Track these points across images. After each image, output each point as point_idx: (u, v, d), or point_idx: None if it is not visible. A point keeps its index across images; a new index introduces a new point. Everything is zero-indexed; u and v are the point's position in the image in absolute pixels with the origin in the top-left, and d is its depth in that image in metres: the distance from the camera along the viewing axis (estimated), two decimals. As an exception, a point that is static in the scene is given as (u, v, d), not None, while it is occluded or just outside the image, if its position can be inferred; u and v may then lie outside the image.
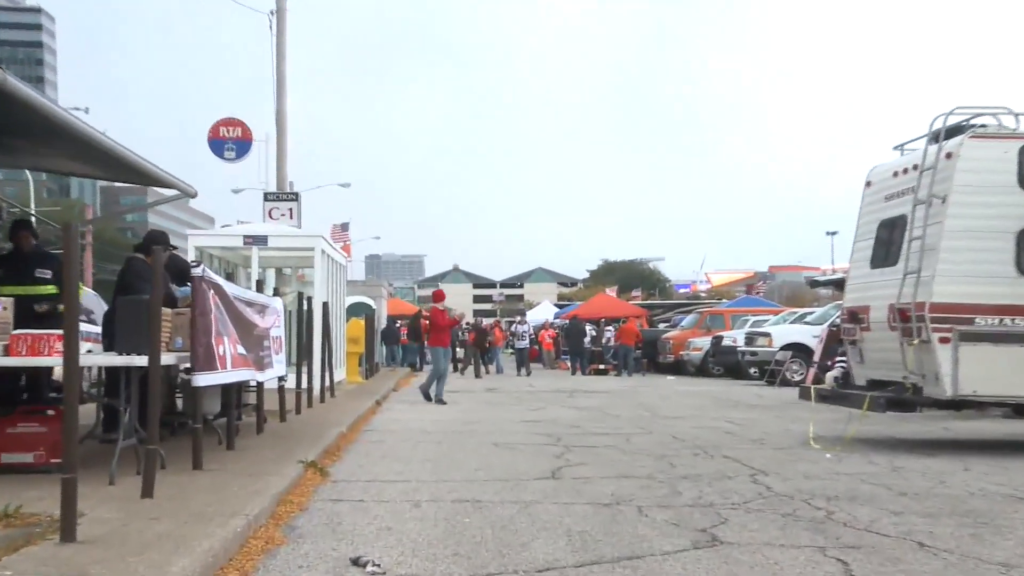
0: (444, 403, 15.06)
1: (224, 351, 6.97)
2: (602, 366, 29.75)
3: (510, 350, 47.76)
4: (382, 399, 15.85)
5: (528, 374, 27.34)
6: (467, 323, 29.08)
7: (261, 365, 8.57)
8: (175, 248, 8.95)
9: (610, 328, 31.89)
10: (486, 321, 40.22)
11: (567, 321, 34.76)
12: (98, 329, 7.65)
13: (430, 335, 16.40)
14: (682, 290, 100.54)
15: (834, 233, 67.08)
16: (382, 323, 33.50)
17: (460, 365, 27.66)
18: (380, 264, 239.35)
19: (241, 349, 7.55)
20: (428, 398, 15.18)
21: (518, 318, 29.15)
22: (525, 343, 29.92)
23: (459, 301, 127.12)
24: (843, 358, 11.60)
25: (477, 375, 25.88)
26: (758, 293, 46.79)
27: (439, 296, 16.52)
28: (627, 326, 28.96)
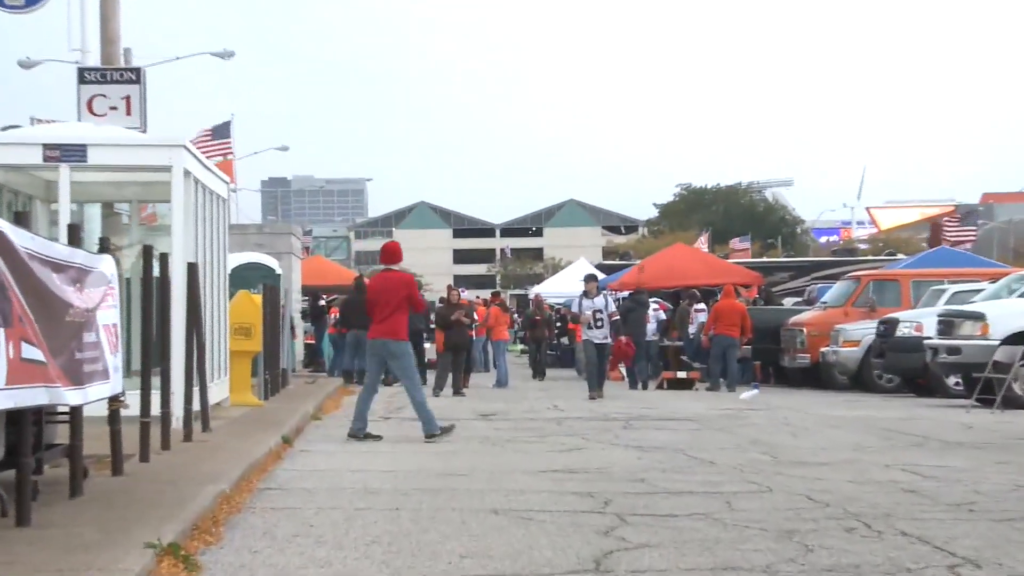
0: (438, 435, 15.42)
1: (9, 350, 6.92)
2: (682, 373, 29.77)
3: (520, 346, 47.73)
4: (293, 434, 15.89)
5: (600, 394, 24.92)
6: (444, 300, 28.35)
7: (79, 376, 8.53)
8: None
9: (701, 307, 31.83)
10: (468, 293, 40.16)
11: (620, 295, 34.73)
12: None
13: (374, 322, 16.18)
14: (825, 238, 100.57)
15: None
16: (295, 299, 33.52)
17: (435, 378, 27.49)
18: (290, 197, 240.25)
19: (39, 349, 7.52)
20: (438, 430, 15.51)
21: (585, 285, 26.76)
22: (604, 333, 25.96)
23: (431, 259, 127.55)
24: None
25: (437, 388, 25.81)
26: (962, 244, 46.72)
27: (392, 252, 16.33)
28: (726, 303, 28.96)
